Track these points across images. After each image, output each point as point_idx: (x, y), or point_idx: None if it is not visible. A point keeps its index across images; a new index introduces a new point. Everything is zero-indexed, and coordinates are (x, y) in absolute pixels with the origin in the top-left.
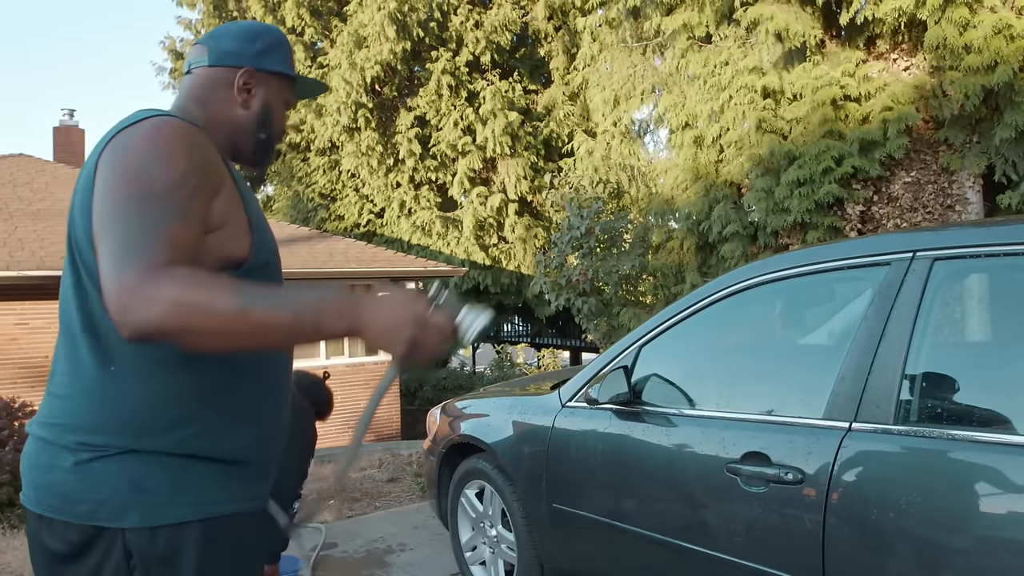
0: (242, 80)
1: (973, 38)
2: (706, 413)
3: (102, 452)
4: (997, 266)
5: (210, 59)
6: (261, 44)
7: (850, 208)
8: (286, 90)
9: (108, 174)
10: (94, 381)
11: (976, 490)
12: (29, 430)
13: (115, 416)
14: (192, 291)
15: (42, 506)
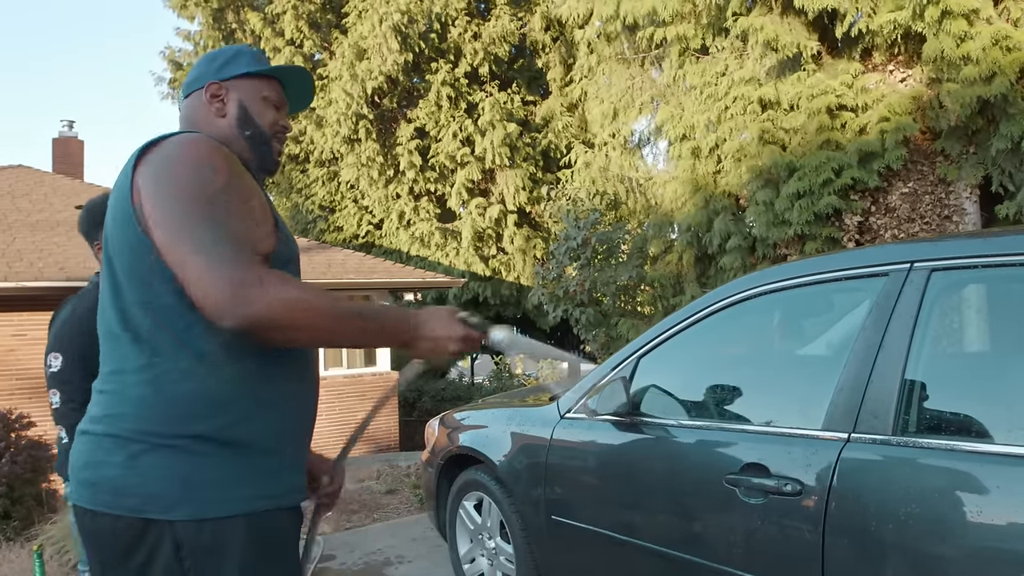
0: (208, 93)
1: (971, 49)
2: (705, 424)
3: (153, 443)
4: (994, 277)
5: (183, 92)
6: (220, 60)
7: (848, 219)
8: (263, 88)
9: (159, 186)
10: (139, 375)
11: (975, 501)
12: (83, 428)
13: (162, 408)
14: (296, 290)
15: (96, 502)
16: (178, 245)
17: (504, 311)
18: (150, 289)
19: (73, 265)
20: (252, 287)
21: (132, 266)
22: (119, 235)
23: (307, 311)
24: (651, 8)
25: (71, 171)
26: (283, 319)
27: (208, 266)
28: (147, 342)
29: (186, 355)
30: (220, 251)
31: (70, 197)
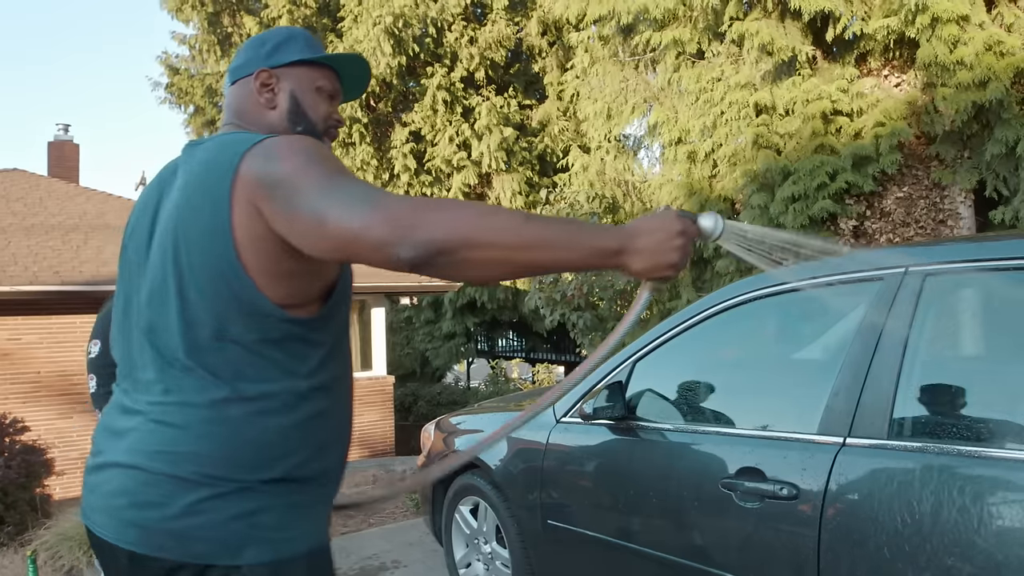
0: (259, 82)
1: (964, 55)
2: (700, 428)
3: (221, 487)
4: (989, 281)
5: (230, 79)
6: (270, 43)
7: (843, 223)
8: (318, 78)
9: (281, 168)
10: (211, 411)
11: (971, 504)
12: (116, 459)
13: (232, 448)
14: (462, 206)
15: (148, 546)
16: (326, 198)
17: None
18: (231, 323)
19: (68, 269)
20: (424, 210)
21: (214, 295)
22: (200, 261)
23: (486, 225)
24: (643, 6)
25: (66, 175)
26: (466, 237)
27: (372, 204)
28: (222, 378)
29: (263, 395)
30: (370, 195)
31: (65, 201)
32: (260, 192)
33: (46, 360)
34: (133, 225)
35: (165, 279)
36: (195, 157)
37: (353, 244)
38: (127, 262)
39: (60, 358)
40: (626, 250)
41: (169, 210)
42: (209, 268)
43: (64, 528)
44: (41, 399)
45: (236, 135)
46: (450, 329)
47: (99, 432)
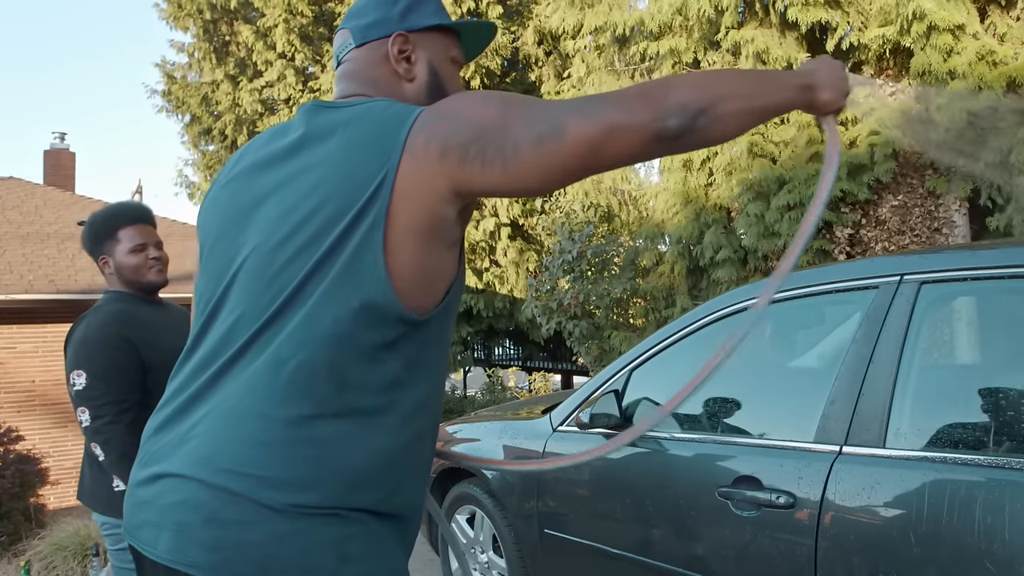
0: (396, 48)
1: (957, 64)
2: (697, 437)
3: (310, 513)
4: (983, 289)
5: (355, 39)
6: (404, 2)
7: (839, 231)
8: (451, 46)
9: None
10: (303, 430)
11: (967, 512)
12: (190, 473)
13: (325, 472)
14: (697, 75)
15: (223, 570)
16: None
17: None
18: (353, 335)
19: (63, 278)
20: (658, 88)
21: (344, 303)
22: (337, 281)
23: (721, 82)
24: (639, 19)
25: (62, 183)
26: (708, 95)
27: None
28: (317, 397)
29: (364, 411)
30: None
31: (61, 209)
32: (449, 160)
33: (41, 369)
34: (230, 176)
35: (283, 276)
36: (334, 130)
37: (608, 143)
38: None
39: (55, 367)
40: (814, 85)
41: (307, 183)
42: (352, 266)
43: (58, 538)
44: (35, 408)
45: (381, 101)
46: None
47: (153, 438)
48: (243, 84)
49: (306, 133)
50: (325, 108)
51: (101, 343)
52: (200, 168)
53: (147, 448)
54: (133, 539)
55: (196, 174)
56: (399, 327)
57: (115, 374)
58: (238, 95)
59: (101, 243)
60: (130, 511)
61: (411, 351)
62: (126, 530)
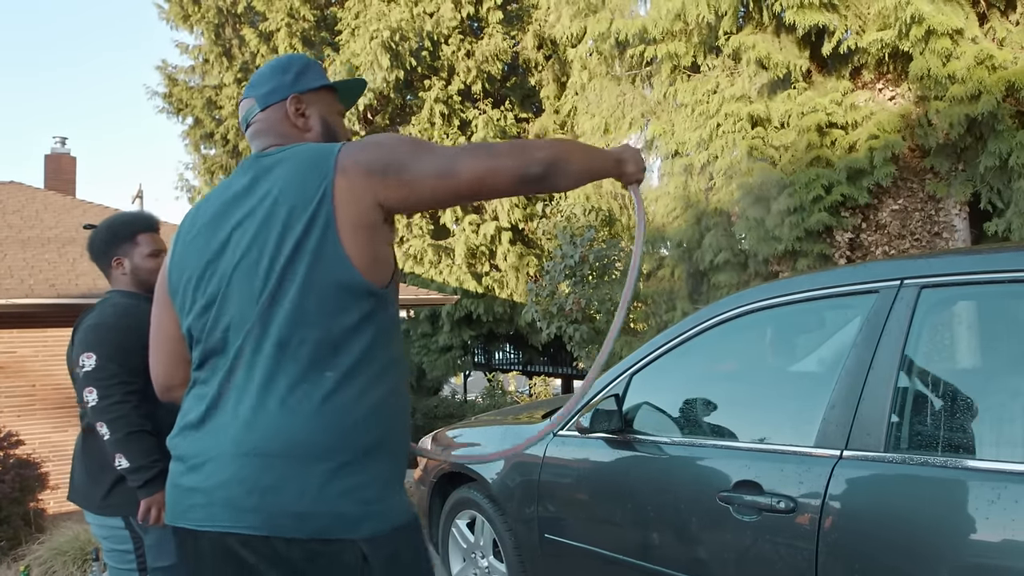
0: (293, 107)
1: (956, 68)
2: (698, 441)
3: (336, 466)
4: (984, 293)
5: (260, 104)
6: (293, 71)
7: (839, 235)
8: (334, 100)
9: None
10: (313, 395)
11: (968, 517)
12: (221, 452)
13: (343, 429)
14: (553, 143)
15: (270, 526)
16: (459, 165)
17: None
18: (332, 303)
19: (64, 282)
20: (528, 148)
21: (318, 281)
22: (308, 255)
23: (567, 151)
24: (642, 26)
25: (63, 187)
26: (559, 156)
27: (496, 152)
28: (323, 358)
29: (360, 370)
30: (482, 146)
31: (62, 214)
32: (373, 178)
33: (41, 373)
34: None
35: (266, 276)
36: (273, 167)
37: (488, 179)
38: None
39: (55, 371)
40: (623, 160)
41: (264, 208)
42: (319, 257)
43: (58, 543)
44: (36, 413)
45: (308, 144)
46: (447, 342)
47: (185, 435)
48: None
49: (254, 175)
50: (263, 155)
51: (112, 327)
52: (201, 172)
53: (182, 445)
54: (184, 521)
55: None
56: (370, 299)
57: (124, 356)
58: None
59: (119, 244)
60: (176, 499)
61: (381, 319)
62: (172, 517)
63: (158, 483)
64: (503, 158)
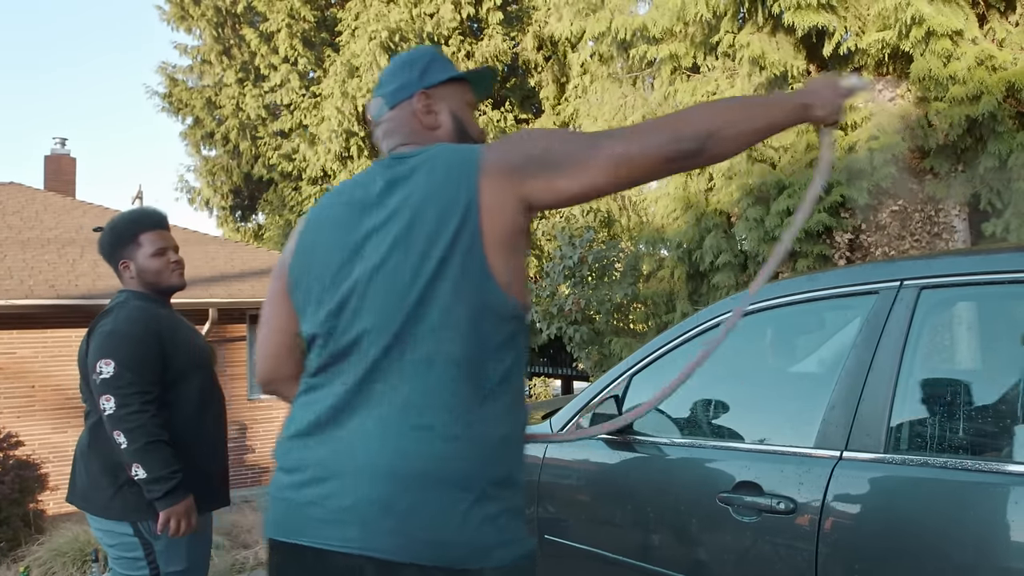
0: (420, 104)
1: (957, 69)
2: (697, 442)
3: (470, 494)
4: (984, 294)
5: (388, 103)
6: (419, 67)
7: (839, 236)
8: (464, 92)
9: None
10: (456, 419)
11: (968, 518)
12: (361, 472)
13: (483, 456)
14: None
15: (408, 552)
16: (606, 147)
17: None
18: (482, 326)
19: (64, 283)
20: (678, 121)
21: (467, 300)
22: (455, 269)
23: (726, 109)
24: (641, 24)
25: (63, 188)
26: (715, 124)
27: (640, 132)
28: (471, 382)
29: (502, 396)
30: (627, 128)
31: (62, 214)
32: (517, 173)
33: (41, 374)
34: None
35: (406, 290)
36: (411, 173)
37: (633, 160)
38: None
39: (55, 372)
40: (811, 104)
41: (403, 218)
42: (465, 275)
43: (58, 544)
44: (36, 413)
45: (446, 145)
46: None
47: (297, 443)
48: (247, 88)
49: (390, 180)
50: (399, 158)
51: (132, 335)
52: (201, 173)
53: (293, 453)
54: (300, 537)
55: (197, 179)
56: (513, 323)
57: (142, 365)
58: (242, 99)
59: (123, 247)
60: (291, 512)
61: (520, 344)
62: (283, 532)
63: (178, 494)
64: (646, 137)
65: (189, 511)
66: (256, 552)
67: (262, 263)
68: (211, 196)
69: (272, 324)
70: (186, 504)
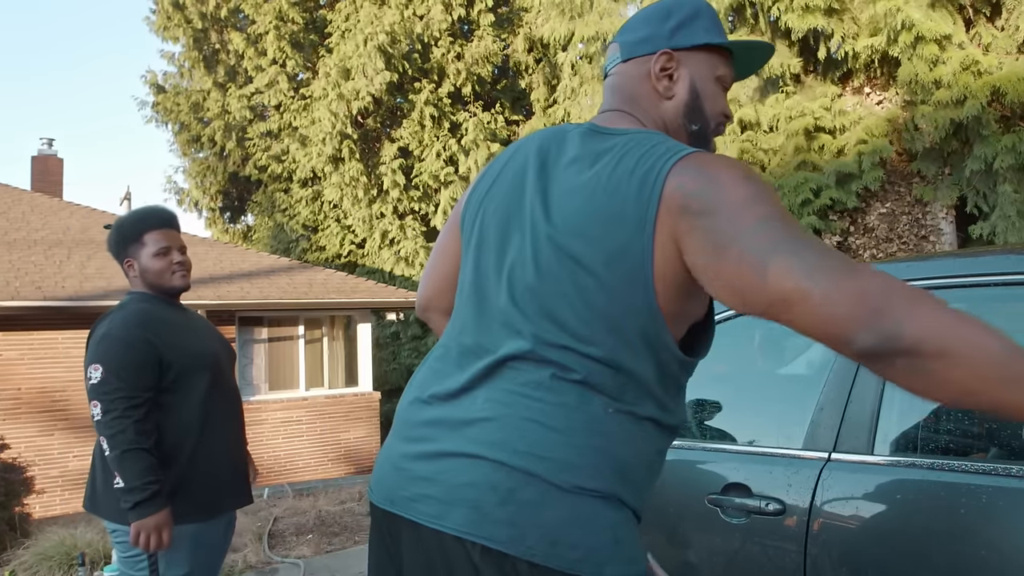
0: (658, 66)
1: (943, 73)
2: (686, 444)
3: (596, 496)
4: (970, 296)
5: (623, 54)
6: (675, 20)
7: (827, 239)
8: (719, 65)
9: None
10: (596, 422)
11: (956, 519)
12: (484, 454)
13: (610, 460)
14: (941, 308)
15: (520, 547)
16: (778, 245)
17: None
18: (626, 351)
19: (50, 285)
20: (895, 295)
21: (607, 317)
22: (601, 279)
23: (970, 339)
24: None
25: (50, 189)
26: (935, 345)
27: (830, 274)
28: (607, 394)
29: (639, 417)
30: (830, 254)
31: (48, 216)
32: (685, 218)
33: (27, 376)
34: (485, 198)
35: (560, 277)
36: (600, 153)
37: (796, 308)
38: (482, 236)
39: (41, 374)
40: None
41: (567, 207)
42: (621, 289)
43: (44, 547)
44: (21, 416)
45: (650, 136)
46: None
47: (418, 414)
48: (232, 91)
49: (578, 155)
50: (601, 133)
51: (121, 340)
52: (190, 175)
53: (412, 424)
54: (404, 510)
55: (186, 180)
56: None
57: (130, 371)
58: (227, 102)
59: (127, 246)
60: (399, 483)
61: (679, 379)
62: (389, 500)
63: (149, 507)
64: (844, 296)
65: (160, 526)
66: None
67: (251, 264)
68: (200, 197)
69: (442, 249)
70: (157, 519)
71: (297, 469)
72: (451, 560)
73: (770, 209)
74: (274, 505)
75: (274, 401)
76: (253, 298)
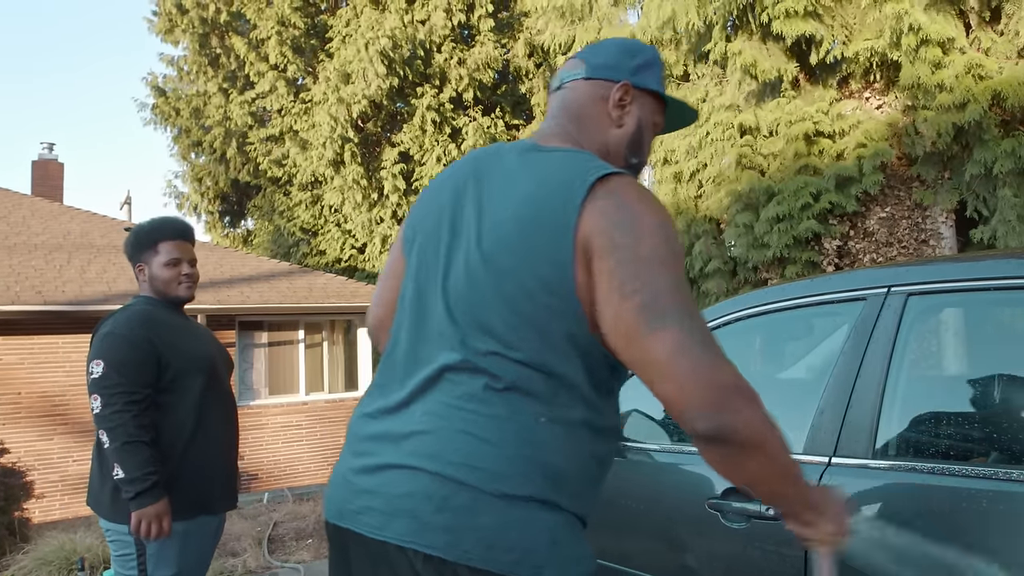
0: (618, 94)
1: (944, 77)
2: (687, 448)
3: (529, 501)
4: (970, 301)
5: (587, 71)
6: (640, 60)
7: (827, 243)
8: (657, 113)
9: (628, 241)
10: (526, 432)
11: (956, 523)
12: (421, 465)
13: (541, 468)
14: (765, 413)
15: (457, 551)
16: (657, 324)
17: None
18: (554, 355)
19: (51, 289)
20: (738, 395)
21: (533, 322)
22: (536, 287)
23: (772, 442)
24: (631, 33)
25: (50, 194)
26: (752, 440)
27: (698, 360)
28: (539, 399)
29: (572, 421)
30: (705, 341)
31: (49, 220)
32: (596, 245)
33: (27, 381)
34: (425, 216)
35: (488, 286)
36: (532, 168)
37: (655, 374)
38: (421, 252)
39: (41, 379)
40: (822, 512)
41: (496, 218)
42: (536, 302)
43: (43, 552)
44: (21, 420)
45: (579, 155)
46: None
47: (363, 430)
48: (233, 96)
49: (513, 170)
50: (537, 151)
51: (123, 337)
52: (190, 180)
53: (359, 438)
54: (351, 523)
55: (185, 185)
56: (601, 361)
57: (131, 368)
58: (229, 107)
59: (141, 251)
60: (346, 497)
61: (611, 384)
62: (338, 514)
63: (149, 496)
64: (700, 382)
65: (160, 514)
66: (244, 560)
67: (251, 269)
68: (199, 201)
69: (391, 268)
70: (157, 508)
71: (297, 473)
72: (396, 570)
73: (677, 270)
74: (274, 510)
75: (274, 405)
76: (253, 302)
